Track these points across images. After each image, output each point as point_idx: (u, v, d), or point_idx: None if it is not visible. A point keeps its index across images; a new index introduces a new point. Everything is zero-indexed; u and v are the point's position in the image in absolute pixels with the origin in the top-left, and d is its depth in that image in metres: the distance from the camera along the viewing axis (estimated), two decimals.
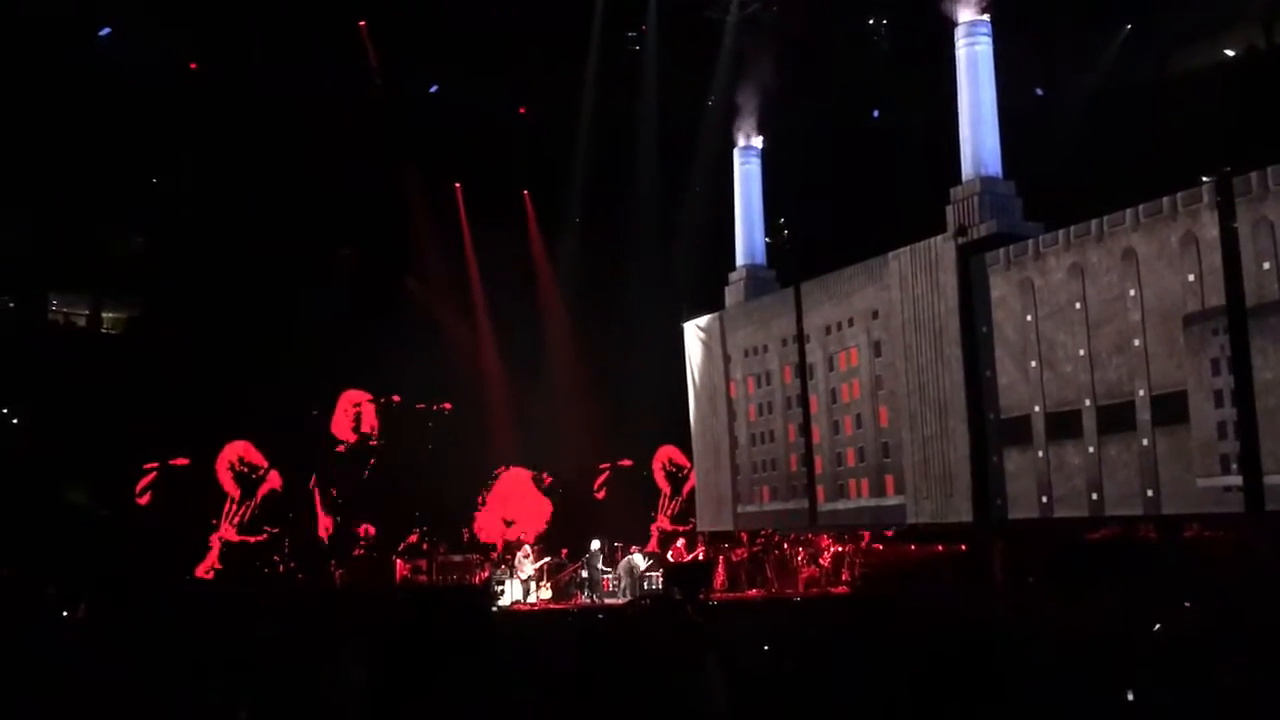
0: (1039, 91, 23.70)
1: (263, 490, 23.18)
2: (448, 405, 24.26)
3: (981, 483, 17.02)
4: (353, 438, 24.60)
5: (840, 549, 20.32)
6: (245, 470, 23.08)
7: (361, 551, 22.60)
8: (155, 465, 22.33)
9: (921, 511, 17.98)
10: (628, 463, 26.52)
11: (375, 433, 24.63)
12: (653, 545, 23.97)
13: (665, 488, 26.47)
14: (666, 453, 26.60)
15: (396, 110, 23.85)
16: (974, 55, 17.83)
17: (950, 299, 17.48)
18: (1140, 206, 15.10)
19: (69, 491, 21.90)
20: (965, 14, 17.68)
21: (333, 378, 24.31)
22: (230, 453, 23.16)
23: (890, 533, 19.56)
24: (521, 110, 25.34)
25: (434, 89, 24.66)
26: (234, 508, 22.85)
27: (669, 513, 26.09)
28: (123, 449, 21.97)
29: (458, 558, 22.02)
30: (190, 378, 22.26)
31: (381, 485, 24.23)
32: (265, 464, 23.29)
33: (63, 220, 21.68)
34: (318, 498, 23.69)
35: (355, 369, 24.20)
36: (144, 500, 22.33)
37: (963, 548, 18.08)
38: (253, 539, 22.68)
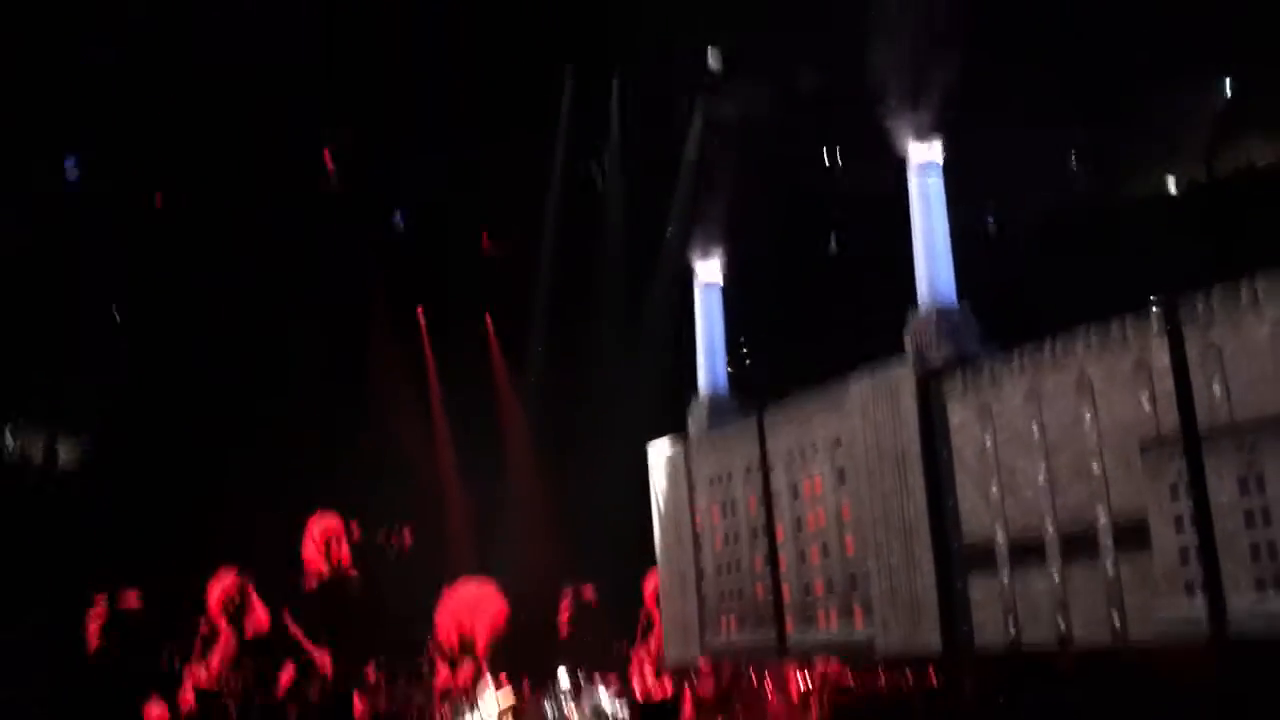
0: (990, 219, 24.38)
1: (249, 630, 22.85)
2: (408, 537, 23.94)
3: (949, 611, 16.90)
4: (324, 568, 24.19)
5: (808, 680, 19.98)
6: (232, 606, 22.76)
7: (317, 695, 22.02)
8: (103, 596, 21.73)
9: (891, 641, 17.79)
10: (589, 593, 26.24)
11: (348, 563, 24.23)
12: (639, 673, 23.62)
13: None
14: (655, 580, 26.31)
15: (361, 237, 24.08)
16: (926, 189, 18.34)
17: (911, 426, 17.58)
18: (1092, 332, 15.35)
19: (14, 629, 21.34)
20: (917, 152, 18.26)
21: (292, 502, 24.02)
22: (219, 585, 22.82)
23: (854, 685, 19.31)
24: (485, 236, 25.69)
25: (399, 217, 24.98)
26: (212, 642, 22.40)
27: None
28: (77, 584, 21.49)
29: (419, 694, 21.45)
30: (145, 511, 21.97)
31: (347, 618, 23.79)
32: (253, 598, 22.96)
33: (19, 355, 21.50)
34: (299, 633, 23.25)
35: (315, 493, 23.93)
36: (94, 644, 21.72)
37: (932, 680, 17.85)
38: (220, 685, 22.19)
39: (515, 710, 20.71)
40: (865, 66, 17.70)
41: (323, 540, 24.27)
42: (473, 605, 25.16)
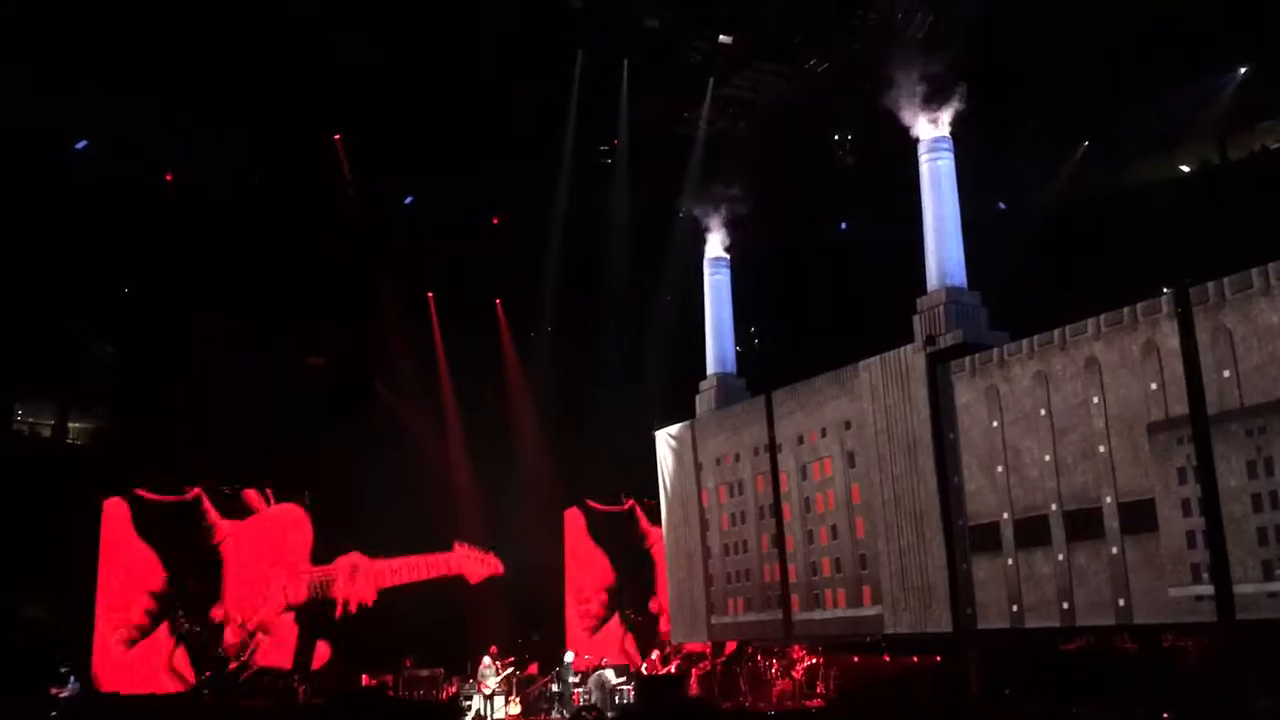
0: (1001, 205, 24.29)
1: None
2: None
3: (955, 592, 16.90)
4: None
5: (814, 660, 20.02)
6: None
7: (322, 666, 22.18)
8: None
9: (900, 622, 17.76)
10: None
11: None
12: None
13: None
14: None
15: (371, 220, 24.15)
16: (936, 170, 18.23)
17: (922, 409, 17.54)
18: (1102, 316, 15.31)
19: (28, 604, 21.49)
20: (927, 131, 18.13)
21: (302, 487, 24.16)
22: None
23: (856, 658, 19.32)
24: (495, 220, 25.71)
25: (409, 200, 25.03)
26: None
27: None
28: (86, 561, 21.61)
29: (424, 672, 21.53)
30: (156, 488, 22.13)
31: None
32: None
33: (29, 329, 21.61)
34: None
35: (323, 476, 23.99)
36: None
37: (938, 659, 17.86)
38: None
39: (520, 688, 20.85)
40: (876, 43, 17.70)
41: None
42: None
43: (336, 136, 23.14)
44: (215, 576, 23.02)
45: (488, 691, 20.38)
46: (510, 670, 20.89)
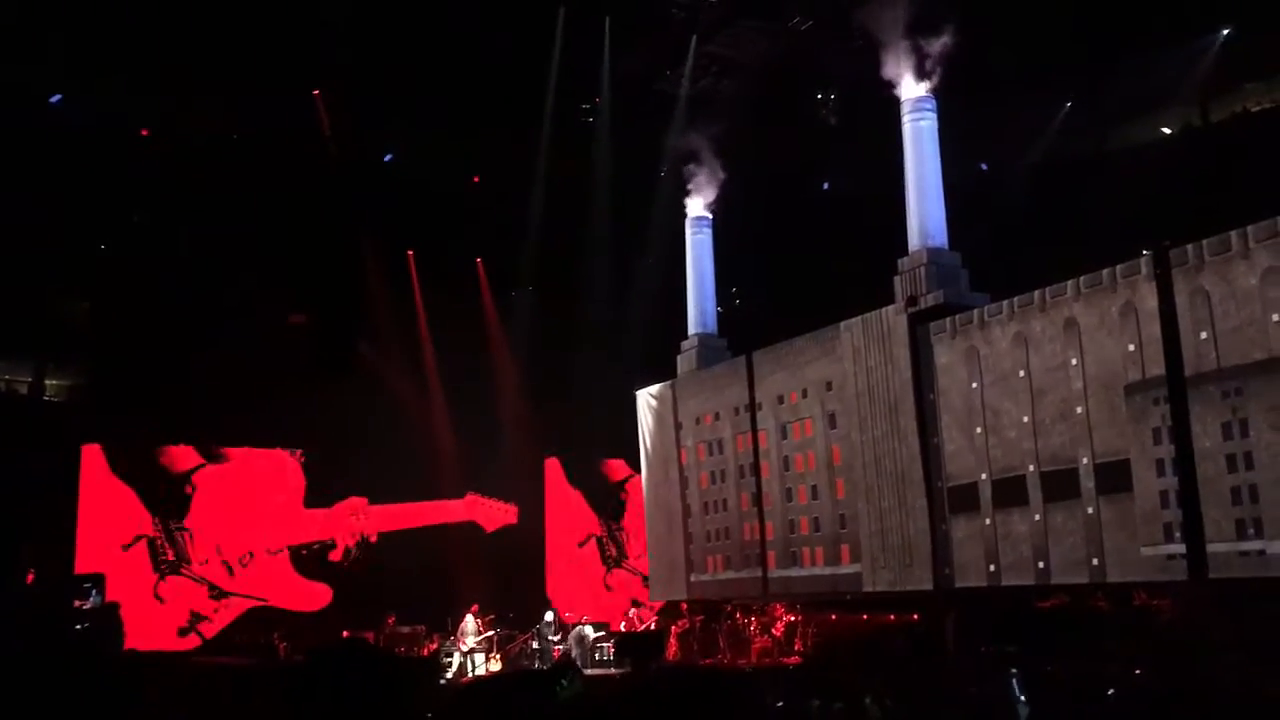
0: (983, 166, 24.28)
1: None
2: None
3: (934, 552, 17.05)
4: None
5: (793, 618, 20.20)
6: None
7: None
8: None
9: (878, 580, 17.93)
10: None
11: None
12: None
13: None
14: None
15: (351, 178, 23.94)
16: (919, 130, 18.20)
17: (904, 371, 17.60)
18: (1081, 278, 15.37)
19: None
20: (910, 90, 18.08)
21: (281, 444, 24.13)
22: None
23: (834, 615, 19.50)
24: (475, 179, 25.53)
25: (389, 157, 24.82)
26: None
27: None
28: (65, 519, 21.56)
29: (405, 629, 21.65)
30: (135, 446, 22.04)
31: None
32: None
33: (5, 285, 21.40)
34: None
35: (305, 435, 23.97)
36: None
37: (914, 617, 18.04)
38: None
39: (500, 645, 20.99)
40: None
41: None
42: None
43: (315, 92, 22.87)
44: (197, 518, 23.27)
45: (465, 648, 20.52)
46: (491, 633, 21.04)
